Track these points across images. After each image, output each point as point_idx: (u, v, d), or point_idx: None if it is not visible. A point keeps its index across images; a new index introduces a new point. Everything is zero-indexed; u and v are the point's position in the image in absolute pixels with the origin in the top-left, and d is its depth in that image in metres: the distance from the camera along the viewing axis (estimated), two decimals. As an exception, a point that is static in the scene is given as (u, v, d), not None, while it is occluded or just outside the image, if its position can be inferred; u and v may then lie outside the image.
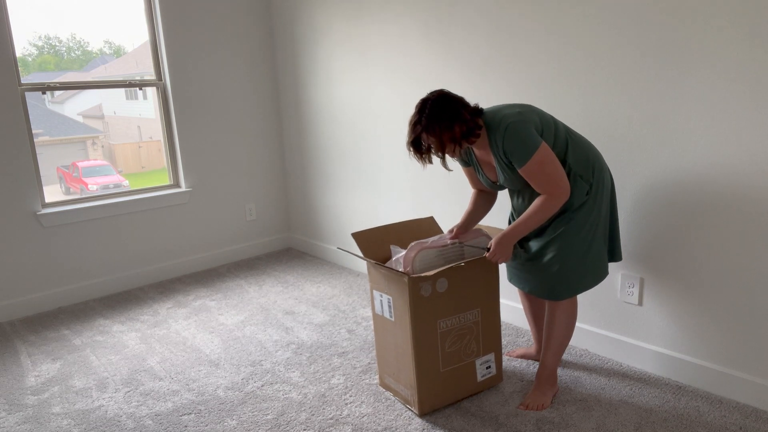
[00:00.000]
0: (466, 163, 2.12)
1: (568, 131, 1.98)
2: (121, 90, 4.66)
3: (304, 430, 2.05)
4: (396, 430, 2.03)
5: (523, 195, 2.05)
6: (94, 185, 5.35)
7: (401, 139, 3.21)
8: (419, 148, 1.90)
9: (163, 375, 2.50)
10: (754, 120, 1.88)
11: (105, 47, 3.96)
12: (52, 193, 3.43)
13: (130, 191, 3.63)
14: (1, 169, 3.07)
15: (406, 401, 2.13)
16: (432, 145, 1.89)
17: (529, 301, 2.35)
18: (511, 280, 2.21)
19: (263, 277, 3.71)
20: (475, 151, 2.03)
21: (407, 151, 1.93)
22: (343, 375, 2.42)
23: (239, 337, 2.84)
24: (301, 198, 4.17)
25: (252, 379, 2.43)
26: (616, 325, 2.41)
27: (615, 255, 2.13)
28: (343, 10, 3.37)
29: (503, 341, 2.64)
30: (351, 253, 2.06)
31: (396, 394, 2.19)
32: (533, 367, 2.41)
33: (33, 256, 3.24)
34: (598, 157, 1.99)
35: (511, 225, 1.94)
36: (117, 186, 5.51)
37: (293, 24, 3.78)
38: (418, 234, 2.32)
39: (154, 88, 3.66)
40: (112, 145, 5.86)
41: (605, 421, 2.01)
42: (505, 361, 2.46)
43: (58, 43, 4.16)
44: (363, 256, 2.13)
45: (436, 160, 2.79)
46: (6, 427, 2.16)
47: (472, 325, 2.11)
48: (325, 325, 2.93)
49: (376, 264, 2.06)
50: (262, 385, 2.37)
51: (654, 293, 2.27)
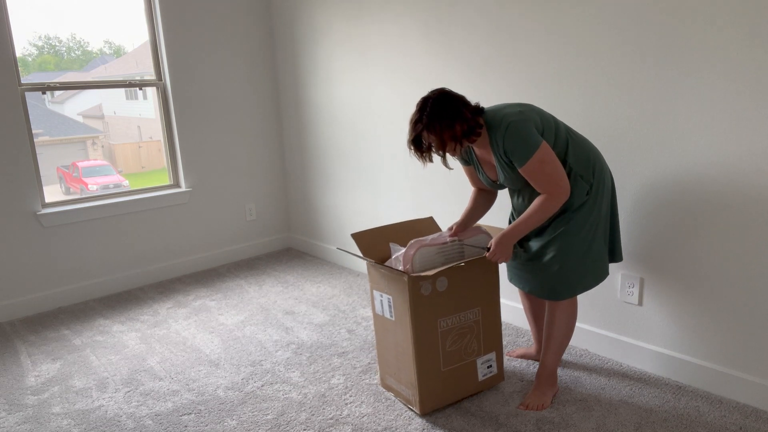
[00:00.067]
0: (466, 161, 2.12)
1: (569, 131, 1.98)
2: (121, 90, 4.66)
3: (304, 430, 2.05)
4: (396, 430, 2.03)
5: (523, 194, 2.05)
6: (94, 185, 5.35)
7: (401, 139, 3.21)
8: (420, 146, 1.90)
9: (163, 375, 2.50)
10: (754, 120, 1.88)
11: (105, 47, 3.96)
12: (52, 193, 3.43)
13: (130, 191, 3.63)
14: (1, 169, 3.07)
15: (407, 401, 2.13)
16: (433, 144, 1.88)
17: (530, 301, 2.35)
18: (511, 280, 2.21)
19: (263, 277, 3.71)
20: (476, 150, 2.03)
21: (408, 150, 1.92)
22: (343, 375, 2.42)
23: (239, 337, 2.84)
24: (301, 198, 4.17)
25: (252, 379, 2.43)
26: (616, 325, 2.41)
27: (615, 255, 2.13)
28: (343, 10, 3.37)
29: (503, 341, 2.64)
30: (351, 254, 2.06)
31: (397, 394, 2.18)
32: (533, 367, 2.41)
33: (33, 256, 3.24)
34: (599, 157, 1.99)
35: (511, 225, 1.94)
36: (117, 186, 5.51)
37: (293, 24, 3.78)
38: (418, 234, 2.32)
39: (154, 88, 3.66)
40: (112, 145, 5.86)
41: (605, 421, 2.01)
42: (505, 361, 2.46)
43: (58, 43, 4.16)
44: (363, 256, 2.13)
45: (436, 159, 2.80)
46: (6, 427, 2.16)
47: (473, 324, 2.11)
48: (325, 325, 2.93)
49: (376, 263, 2.06)
50: (262, 385, 2.37)
51: (654, 293, 2.27)
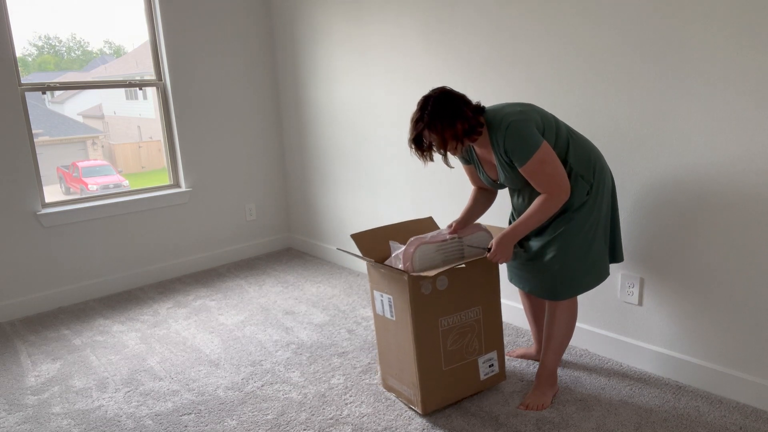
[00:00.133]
0: (466, 160, 2.12)
1: (570, 131, 1.98)
2: (121, 90, 4.66)
3: (304, 430, 2.05)
4: (396, 430, 2.03)
5: (523, 194, 2.05)
6: (94, 185, 5.35)
7: (401, 139, 3.21)
8: (420, 145, 1.90)
9: (163, 375, 2.50)
10: (754, 119, 1.88)
11: (105, 47, 3.96)
12: (52, 193, 3.43)
13: (130, 191, 3.63)
14: (1, 169, 3.07)
15: (409, 401, 2.13)
16: (434, 143, 1.88)
17: (530, 301, 2.35)
18: (511, 280, 2.21)
19: (263, 277, 3.71)
20: (476, 149, 2.03)
21: (408, 149, 1.92)
22: (343, 375, 2.42)
23: (239, 337, 2.84)
24: (301, 198, 4.17)
25: (252, 379, 2.43)
26: (616, 325, 2.41)
27: (616, 256, 2.13)
28: (343, 10, 3.37)
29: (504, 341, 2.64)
30: (351, 254, 2.05)
31: (399, 395, 2.18)
32: (533, 367, 2.41)
33: (33, 256, 3.24)
34: (599, 157, 1.99)
35: (511, 225, 1.94)
36: (117, 186, 5.51)
37: (293, 24, 3.78)
38: (418, 234, 2.32)
39: (154, 88, 3.66)
40: (112, 145, 5.86)
41: (605, 421, 2.01)
42: (505, 360, 2.46)
43: (58, 43, 4.16)
44: (362, 256, 2.13)
45: (437, 158, 2.80)
46: (6, 427, 2.16)
47: (474, 322, 2.11)
48: (325, 325, 2.93)
49: (376, 263, 2.06)
50: (262, 385, 2.37)
51: (654, 293, 2.27)
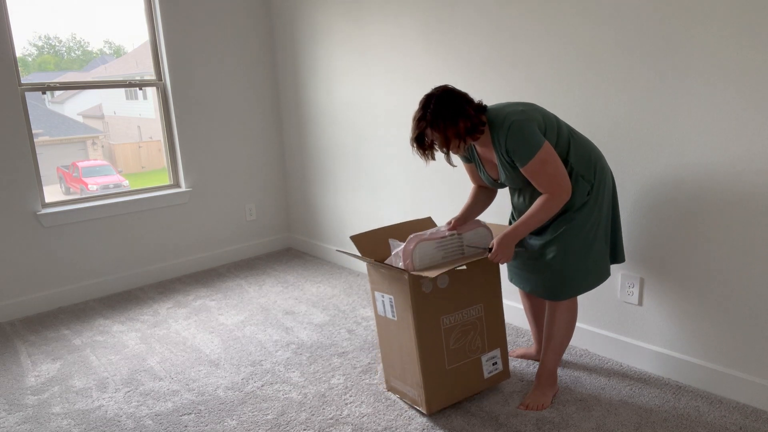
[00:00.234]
0: (467, 159, 2.12)
1: (571, 131, 1.98)
2: (121, 90, 4.66)
3: (304, 430, 2.05)
4: (396, 429, 2.03)
5: (524, 194, 2.05)
6: (94, 185, 5.35)
7: (401, 139, 3.21)
8: (422, 143, 1.90)
9: (163, 375, 2.50)
10: (754, 119, 1.88)
11: (105, 47, 3.97)
12: (52, 193, 3.43)
13: (130, 191, 3.63)
14: (1, 169, 3.07)
15: (413, 402, 2.12)
16: (436, 141, 1.88)
17: (530, 301, 2.35)
18: (511, 279, 2.21)
19: (263, 277, 3.71)
20: (477, 148, 2.02)
21: (410, 147, 1.92)
22: (343, 375, 2.42)
23: (239, 337, 2.84)
24: (301, 198, 4.17)
25: (252, 379, 2.43)
26: (616, 325, 2.41)
27: (617, 256, 2.12)
28: (343, 10, 3.37)
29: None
30: (350, 255, 2.05)
31: (403, 396, 2.17)
32: (533, 367, 2.41)
33: (33, 256, 3.24)
34: (600, 157, 1.99)
35: (512, 225, 1.94)
36: (117, 186, 5.51)
37: (293, 24, 3.78)
38: (418, 234, 2.32)
39: (154, 88, 3.66)
40: (112, 145, 5.86)
41: (605, 421, 2.01)
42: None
43: (58, 43, 4.16)
44: (362, 256, 2.12)
45: (438, 158, 2.79)
46: (6, 427, 2.16)
47: (476, 320, 2.11)
48: (325, 325, 2.93)
49: (375, 263, 2.06)
50: (262, 385, 2.37)
51: (654, 293, 2.27)
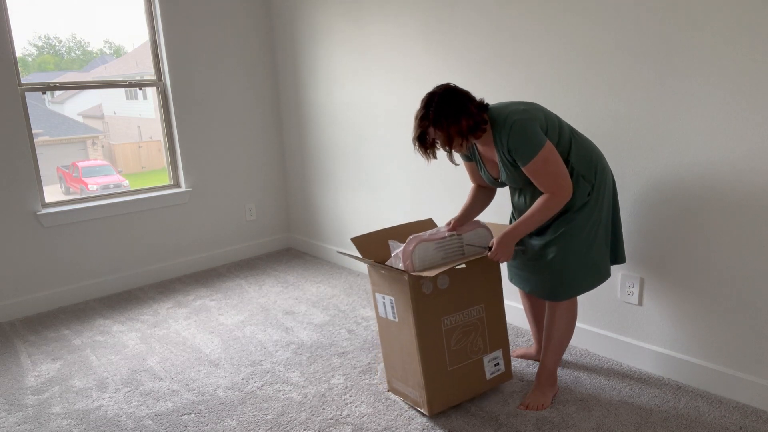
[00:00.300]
0: (468, 158, 2.11)
1: (572, 131, 1.98)
2: (121, 90, 4.66)
3: (304, 430, 2.05)
4: (396, 430, 2.03)
5: (524, 193, 2.05)
6: (94, 185, 5.34)
7: (401, 139, 3.21)
8: (424, 142, 1.89)
9: (163, 375, 2.50)
10: (754, 119, 1.88)
11: (105, 47, 3.96)
12: (52, 193, 3.42)
13: (130, 191, 3.63)
14: (1, 169, 3.07)
15: (415, 403, 2.11)
16: (438, 140, 1.88)
17: (530, 301, 2.35)
18: (512, 280, 2.20)
19: (263, 277, 3.71)
20: (479, 146, 2.02)
21: (412, 146, 1.91)
22: (343, 375, 2.42)
23: (239, 337, 2.84)
24: (301, 198, 4.17)
25: (252, 379, 2.43)
26: (616, 325, 2.41)
27: (618, 257, 2.12)
28: (343, 10, 3.37)
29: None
30: (350, 256, 2.05)
31: (405, 397, 2.17)
32: (533, 367, 2.41)
33: (33, 256, 3.24)
34: (601, 158, 1.99)
35: (512, 224, 1.94)
36: (117, 186, 5.50)
37: (293, 24, 3.78)
38: (418, 234, 2.32)
39: (154, 88, 3.66)
40: (112, 145, 5.86)
41: (605, 421, 2.01)
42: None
43: (58, 43, 4.15)
44: (362, 257, 2.12)
45: (440, 156, 2.79)
46: (6, 427, 2.16)
47: (477, 321, 2.11)
48: (325, 325, 2.93)
49: (376, 264, 2.06)
50: (262, 385, 2.37)
51: (654, 293, 2.27)
